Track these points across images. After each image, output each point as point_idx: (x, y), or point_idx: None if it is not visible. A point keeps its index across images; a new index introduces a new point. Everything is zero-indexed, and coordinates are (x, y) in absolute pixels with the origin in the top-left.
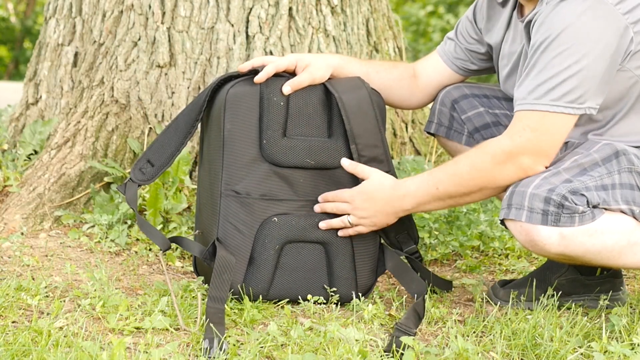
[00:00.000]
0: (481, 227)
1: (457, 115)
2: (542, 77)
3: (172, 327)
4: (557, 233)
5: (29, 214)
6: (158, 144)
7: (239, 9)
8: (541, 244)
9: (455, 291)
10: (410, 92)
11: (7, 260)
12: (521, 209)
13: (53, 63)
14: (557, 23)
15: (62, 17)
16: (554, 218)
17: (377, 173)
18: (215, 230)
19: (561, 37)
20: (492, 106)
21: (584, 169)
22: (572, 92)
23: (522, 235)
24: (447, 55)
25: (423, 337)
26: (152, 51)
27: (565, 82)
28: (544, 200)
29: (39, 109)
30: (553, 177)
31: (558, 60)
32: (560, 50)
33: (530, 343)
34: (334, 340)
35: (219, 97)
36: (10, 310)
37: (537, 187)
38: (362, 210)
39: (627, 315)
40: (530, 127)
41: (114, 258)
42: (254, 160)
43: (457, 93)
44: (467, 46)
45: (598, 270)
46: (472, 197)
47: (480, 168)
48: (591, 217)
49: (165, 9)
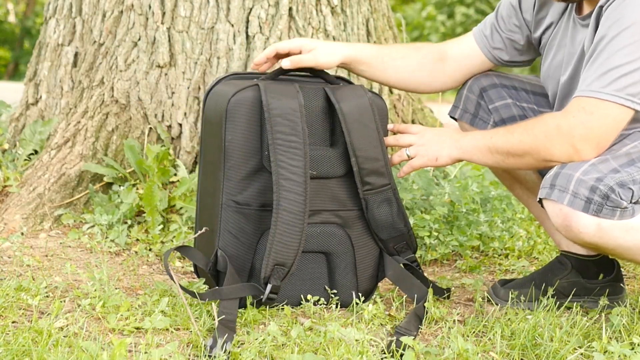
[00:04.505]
0: (481, 227)
1: (485, 104)
2: (607, 65)
3: (172, 328)
4: (596, 223)
5: (29, 214)
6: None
7: (239, 9)
8: (577, 230)
9: (456, 291)
10: (432, 76)
11: (7, 260)
12: (565, 192)
13: (53, 63)
14: (631, 12)
15: (62, 17)
16: (597, 208)
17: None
18: (216, 240)
19: (632, 28)
20: (520, 99)
21: (632, 159)
22: (634, 85)
23: (560, 218)
24: (484, 42)
25: (423, 337)
26: (152, 51)
27: (631, 74)
28: (590, 188)
29: (39, 109)
30: (601, 164)
31: (626, 51)
32: (630, 41)
33: (530, 343)
34: (334, 341)
35: (219, 104)
36: (10, 311)
37: (585, 173)
38: (429, 139)
39: (627, 315)
40: (586, 110)
41: (114, 258)
42: (255, 171)
43: (487, 81)
44: (507, 34)
45: (601, 275)
46: (515, 160)
47: (531, 134)
48: (631, 214)
49: (165, 9)
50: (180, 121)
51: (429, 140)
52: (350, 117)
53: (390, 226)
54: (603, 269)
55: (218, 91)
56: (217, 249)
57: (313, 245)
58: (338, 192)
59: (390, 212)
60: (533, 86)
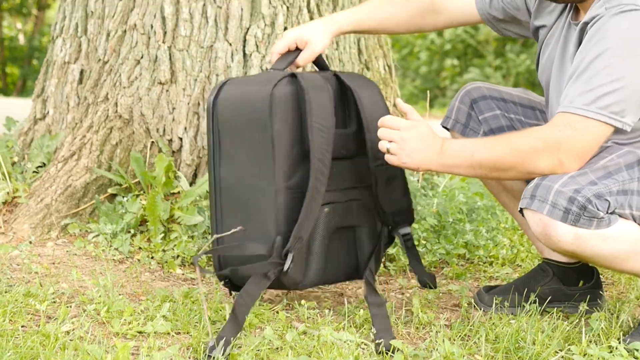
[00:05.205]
0: (467, 236)
1: (475, 115)
2: (591, 84)
3: (173, 332)
4: (574, 233)
5: (37, 224)
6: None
7: (237, 28)
8: (556, 239)
9: (442, 297)
10: (419, 27)
11: (16, 267)
12: (544, 202)
13: (60, 80)
14: (615, 33)
15: (68, 37)
16: (574, 218)
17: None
18: (272, 227)
19: (615, 49)
20: (508, 110)
21: (609, 172)
22: (617, 104)
23: (539, 227)
24: (485, 7)
25: (412, 341)
26: (154, 69)
27: (613, 93)
28: (568, 199)
29: (47, 123)
30: (580, 176)
31: (608, 71)
32: (612, 61)
33: (514, 346)
34: (327, 344)
35: (252, 102)
36: (19, 315)
37: (563, 184)
38: (409, 141)
39: (605, 320)
40: (571, 125)
41: (117, 265)
42: (303, 156)
43: (477, 94)
44: (509, 9)
45: (581, 281)
46: (500, 175)
47: (516, 149)
48: (607, 223)
49: (166, 29)
50: (181, 135)
51: (410, 146)
52: (365, 99)
53: (395, 200)
54: (583, 276)
55: (237, 94)
56: (278, 235)
57: (350, 221)
58: (356, 170)
59: (396, 187)
60: (521, 99)
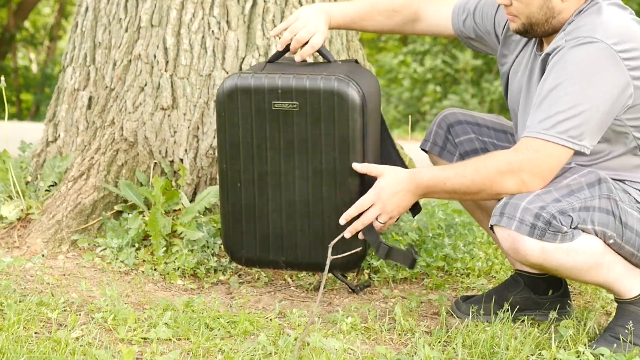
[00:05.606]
0: (445, 249)
1: (451, 138)
2: (552, 110)
3: (175, 338)
4: (540, 246)
5: (49, 238)
6: None
7: (233, 58)
8: (523, 252)
9: (423, 306)
10: (399, 32)
11: (29, 278)
12: (512, 219)
13: (70, 106)
14: (573, 64)
15: (77, 66)
16: (540, 232)
17: (388, 169)
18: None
19: (574, 78)
20: (482, 134)
21: (571, 190)
22: (575, 129)
23: (508, 242)
24: (458, 24)
25: (394, 346)
26: (156, 95)
27: (571, 119)
28: (534, 216)
29: (58, 146)
30: (544, 194)
31: (568, 98)
32: (572, 90)
33: (489, 351)
34: (316, 349)
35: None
36: (32, 323)
37: (530, 202)
38: (390, 205)
39: (573, 327)
40: (533, 148)
41: (123, 277)
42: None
43: (453, 119)
44: (479, 31)
45: (550, 291)
46: (471, 197)
47: (483, 173)
48: (571, 238)
49: (168, 58)
50: (182, 157)
51: (391, 204)
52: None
53: None
54: (552, 286)
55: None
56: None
57: None
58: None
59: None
60: (493, 123)
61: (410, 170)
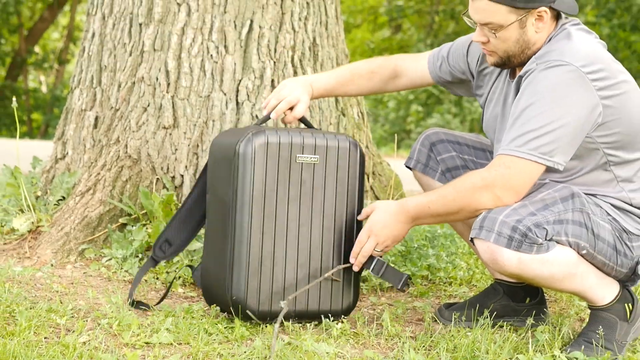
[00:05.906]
0: (430, 259)
1: (434, 156)
2: (524, 129)
3: (176, 342)
4: (517, 257)
5: (58, 249)
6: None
7: (230, 80)
8: (501, 263)
9: (408, 312)
10: (382, 91)
11: (39, 287)
12: (491, 231)
13: (77, 125)
14: (544, 85)
15: (85, 87)
16: (517, 244)
17: (380, 203)
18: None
19: (545, 98)
20: (463, 152)
21: (546, 204)
22: (546, 146)
23: (487, 254)
24: (435, 71)
25: (382, 351)
26: (159, 115)
27: (542, 137)
28: (511, 228)
29: (66, 163)
30: (521, 208)
31: (540, 118)
32: (543, 109)
33: (470, 355)
34: (308, 353)
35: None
36: (42, 328)
37: (507, 215)
38: (383, 236)
39: (549, 332)
40: (506, 164)
41: (127, 285)
42: None
43: (436, 138)
44: (453, 71)
45: (527, 299)
46: (454, 217)
47: (461, 191)
48: (546, 249)
49: (169, 81)
50: (182, 173)
51: (384, 235)
52: None
53: None
54: (529, 294)
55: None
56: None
57: None
58: None
59: None
60: (473, 142)
61: (398, 202)
